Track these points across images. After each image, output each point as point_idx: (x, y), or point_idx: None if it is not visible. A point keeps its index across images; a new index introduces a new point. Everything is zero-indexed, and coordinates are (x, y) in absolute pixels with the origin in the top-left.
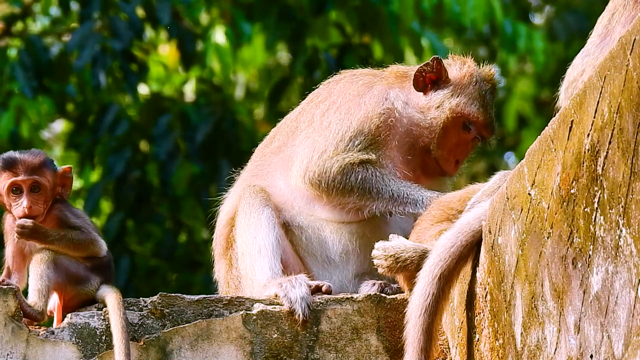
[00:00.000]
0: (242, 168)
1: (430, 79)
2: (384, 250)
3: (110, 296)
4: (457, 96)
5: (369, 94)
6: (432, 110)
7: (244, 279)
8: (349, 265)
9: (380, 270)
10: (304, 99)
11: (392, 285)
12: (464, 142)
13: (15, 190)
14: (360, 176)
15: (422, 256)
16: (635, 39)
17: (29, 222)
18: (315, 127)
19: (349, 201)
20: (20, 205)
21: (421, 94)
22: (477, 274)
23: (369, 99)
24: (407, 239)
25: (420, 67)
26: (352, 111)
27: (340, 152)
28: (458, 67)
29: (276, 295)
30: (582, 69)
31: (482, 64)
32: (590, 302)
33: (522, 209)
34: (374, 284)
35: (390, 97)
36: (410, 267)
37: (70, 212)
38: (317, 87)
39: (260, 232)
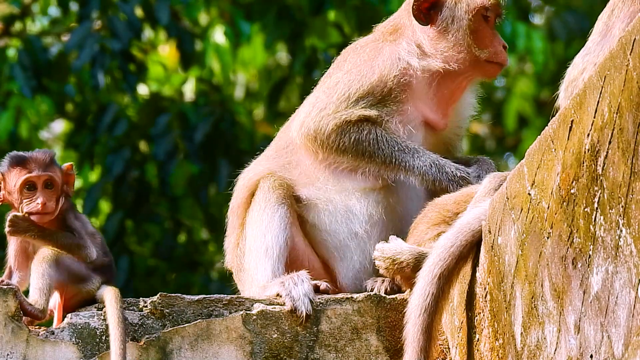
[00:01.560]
0: (239, 167)
1: (426, 8)
2: (382, 252)
3: (108, 293)
4: (460, 1)
5: (381, 57)
6: (450, 28)
7: (246, 273)
8: (372, 239)
9: (380, 271)
10: (304, 99)
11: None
12: (492, 29)
13: (29, 187)
14: (353, 137)
15: (419, 259)
16: (635, 38)
17: (20, 216)
18: (323, 88)
19: (343, 161)
20: (34, 202)
21: (428, 27)
22: (477, 274)
23: (382, 61)
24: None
25: (413, 4)
26: (364, 73)
27: (341, 109)
28: None
29: (278, 294)
30: (582, 67)
31: None
32: (590, 302)
33: (522, 209)
34: (384, 281)
35: (402, 56)
36: (407, 269)
37: (73, 214)
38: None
39: (270, 231)
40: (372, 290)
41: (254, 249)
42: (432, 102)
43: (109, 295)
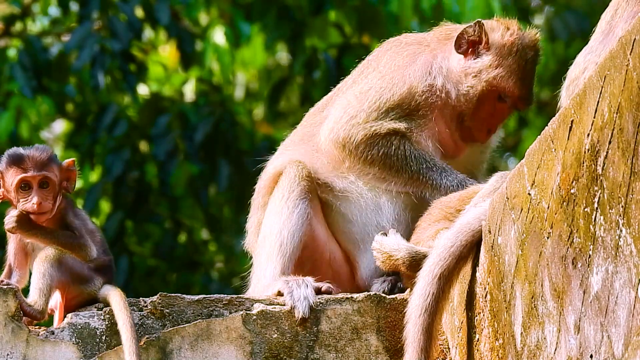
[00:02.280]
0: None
1: (473, 42)
2: (380, 245)
3: (115, 296)
4: (495, 68)
5: (413, 67)
6: (470, 78)
7: (257, 264)
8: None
9: (377, 263)
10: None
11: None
12: (499, 112)
13: (24, 186)
14: (382, 151)
15: (415, 257)
16: (635, 38)
17: (23, 214)
18: (355, 91)
19: (370, 171)
20: (30, 202)
21: (461, 57)
22: (477, 274)
23: (413, 72)
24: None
25: (462, 30)
26: (395, 82)
27: (371, 120)
28: (500, 33)
29: (279, 292)
30: (584, 66)
31: (528, 29)
32: (590, 302)
33: (522, 209)
34: (384, 281)
35: (433, 71)
36: (402, 267)
37: (72, 212)
38: (368, 56)
39: (287, 227)
40: (383, 292)
41: (268, 242)
42: (448, 133)
43: (116, 298)
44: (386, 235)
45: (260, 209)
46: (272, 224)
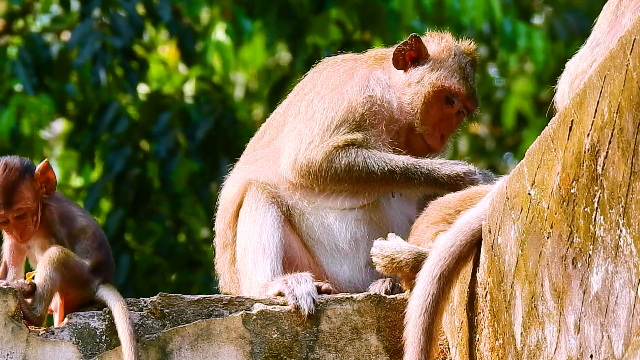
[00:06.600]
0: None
1: (410, 57)
2: (380, 249)
3: (115, 302)
4: (437, 70)
5: (350, 83)
6: (413, 86)
7: (242, 274)
8: (359, 253)
9: (377, 269)
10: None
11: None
12: (448, 116)
13: (1, 222)
14: (344, 162)
15: (418, 258)
16: (635, 38)
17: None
18: (301, 119)
19: (342, 189)
20: (13, 235)
21: (402, 72)
22: (477, 274)
23: (351, 87)
24: (412, 222)
25: (399, 46)
26: (335, 101)
27: (326, 139)
28: (436, 42)
29: (280, 293)
30: (592, 59)
31: (461, 41)
32: (590, 302)
33: (522, 209)
34: (384, 281)
35: (370, 83)
36: (405, 268)
37: (58, 219)
38: (303, 78)
39: (265, 230)
40: (384, 292)
41: (250, 250)
42: (394, 146)
43: (116, 304)
44: (384, 239)
45: (229, 245)
46: (249, 234)
